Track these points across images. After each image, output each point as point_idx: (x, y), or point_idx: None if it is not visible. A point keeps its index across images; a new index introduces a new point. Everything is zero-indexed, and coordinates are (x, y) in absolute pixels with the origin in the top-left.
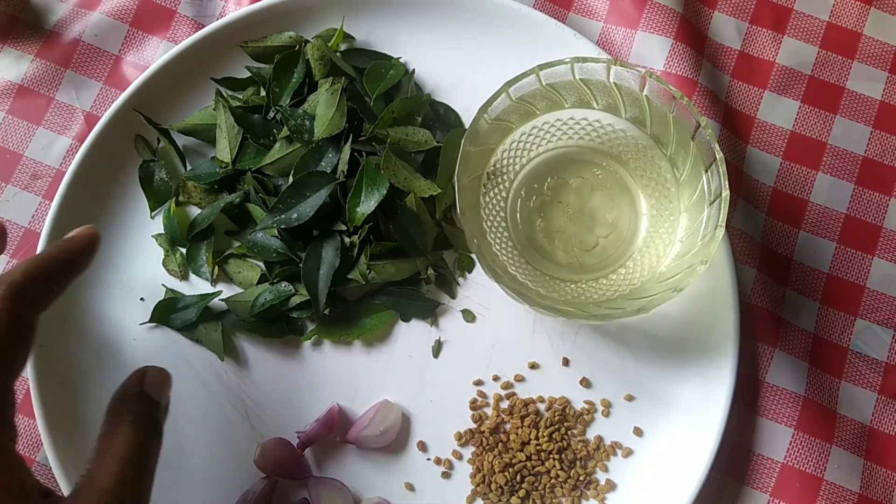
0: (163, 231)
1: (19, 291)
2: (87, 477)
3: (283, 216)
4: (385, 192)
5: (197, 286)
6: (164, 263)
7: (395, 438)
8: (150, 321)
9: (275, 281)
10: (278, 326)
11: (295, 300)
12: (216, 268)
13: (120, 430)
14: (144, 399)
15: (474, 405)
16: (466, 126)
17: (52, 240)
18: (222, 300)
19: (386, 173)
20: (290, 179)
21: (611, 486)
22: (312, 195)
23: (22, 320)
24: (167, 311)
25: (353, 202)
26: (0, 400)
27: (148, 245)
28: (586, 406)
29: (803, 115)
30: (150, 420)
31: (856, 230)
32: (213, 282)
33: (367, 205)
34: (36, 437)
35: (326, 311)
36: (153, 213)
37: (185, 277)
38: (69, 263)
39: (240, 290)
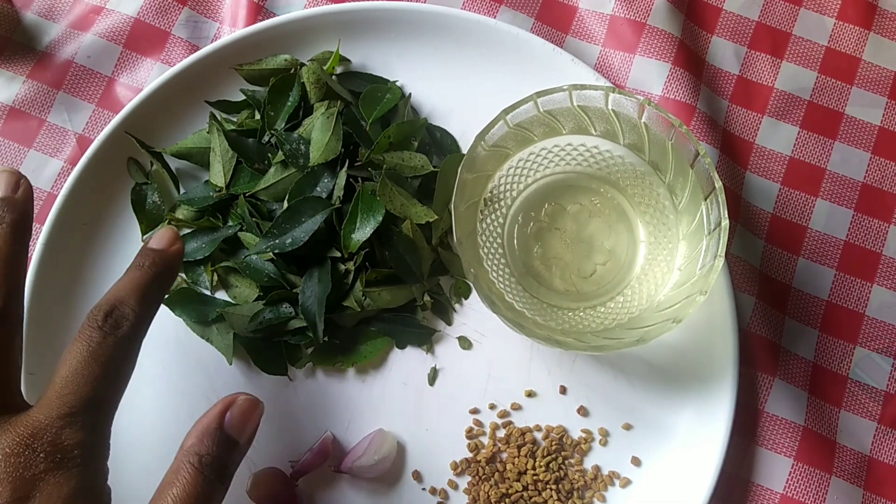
0: None
1: (142, 325)
2: None
3: (277, 241)
4: (381, 218)
5: None
6: None
7: (389, 468)
8: (164, 303)
9: (269, 303)
10: (272, 361)
11: (294, 324)
12: (215, 275)
13: (183, 474)
14: (221, 441)
15: (470, 434)
16: (463, 150)
17: (43, 265)
18: (220, 310)
19: (382, 200)
20: (285, 204)
21: None
22: (307, 220)
23: (139, 349)
24: (184, 301)
25: (348, 228)
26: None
27: None
28: (584, 435)
29: (802, 140)
30: (217, 467)
31: (855, 257)
32: (213, 290)
33: (363, 231)
34: None
35: (325, 339)
36: (145, 237)
37: None
38: (170, 284)
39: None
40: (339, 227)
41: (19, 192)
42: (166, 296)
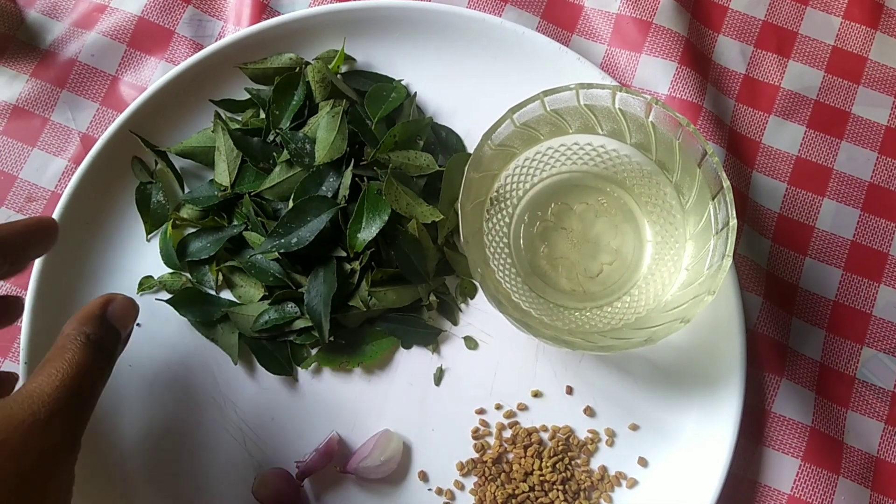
0: (158, 253)
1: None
2: (25, 385)
3: (282, 240)
4: (386, 218)
5: None
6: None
7: (395, 468)
8: (168, 302)
9: (274, 302)
10: (278, 361)
11: (299, 323)
12: (220, 275)
13: (70, 348)
14: (104, 324)
15: (476, 434)
16: (468, 149)
17: (47, 264)
18: (226, 310)
19: (388, 199)
20: (291, 204)
21: None
22: (313, 220)
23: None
24: (189, 301)
25: (353, 228)
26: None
27: (144, 268)
28: (590, 435)
29: (809, 140)
30: (104, 346)
31: (862, 257)
32: (218, 290)
33: (369, 231)
34: None
35: (331, 339)
36: (149, 236)
37: None
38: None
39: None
40: (345, 227)
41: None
42: (169, 297)
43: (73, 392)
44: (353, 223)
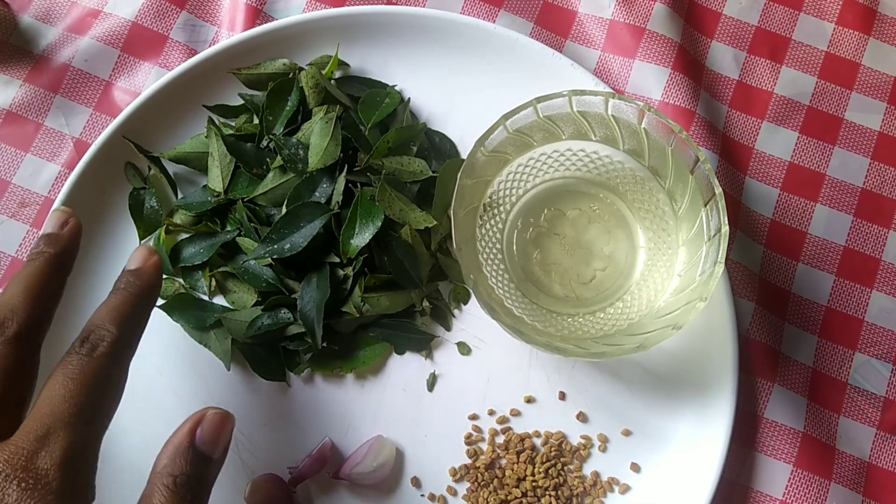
0: None
1: (121, 345)
2: None
3: (275, 246)
4: (380, 224)
5: None
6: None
7: (388, 474)
8: (161, 308)
9: (267, 308)
10: (271, 367)
11: (292, 329)
12: (213, 280)
13: (157, 500)
14: (193, 458)
15: (469, 440)
16: (462, 155)
17: None
18: (219, 315)
19: (381, 205)
20: (284, 210)
21: None
22: (306, 226)
23: (124, 370)
24: (182, 306)
25: (346, 234)
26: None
27: None
28: (583, 441)
29: (802, 145)
30: (193, 486)
31: (854, 263)
32: (211, 295)
33: (362, 237)
34: None
35: (324, 345)
36: (142, 242)
37: None
38: (151, 300)
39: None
40: (338, 233)
41: (65, 228)
42: (161, 303)
43: None
44: (346, 229)
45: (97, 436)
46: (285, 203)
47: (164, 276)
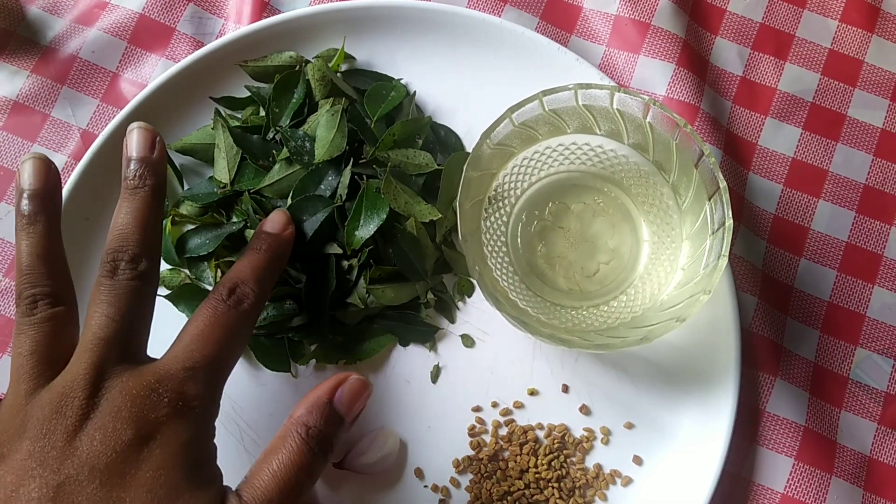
0: None
1: (260, 304)
2: (245, 481)
3: None
4: (385, 216)
5: None
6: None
7: (392, 465)
8: (167, 298)
9: (273, 299)
10: (276, 357)
11: (297, 320)
12: (218, 271)
13: (289, 444)
14: (328, 415)
15: (473, 432)
16: (467, 148)
17: None
18: None
19: (386, 198)
20: (289, 202)
21: None
22: (310, 218)
23: (252, 329)
24: (188, 297)
25: (351, 226)
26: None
27: None
28: (586, 434)
29: (805, 142)
30: (322, 441)
31: (856, 259)
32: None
33: (366, 229)
34: None
35: (329, 336)
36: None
37: None
38: (284, 265)
39: None
40: (342, 224)
41: (155, 153)
42: (167, 293)
43: (286, 492)
44: (351, 220)
45: (225, 378)
46: (291, 195)
47: (170, 267)
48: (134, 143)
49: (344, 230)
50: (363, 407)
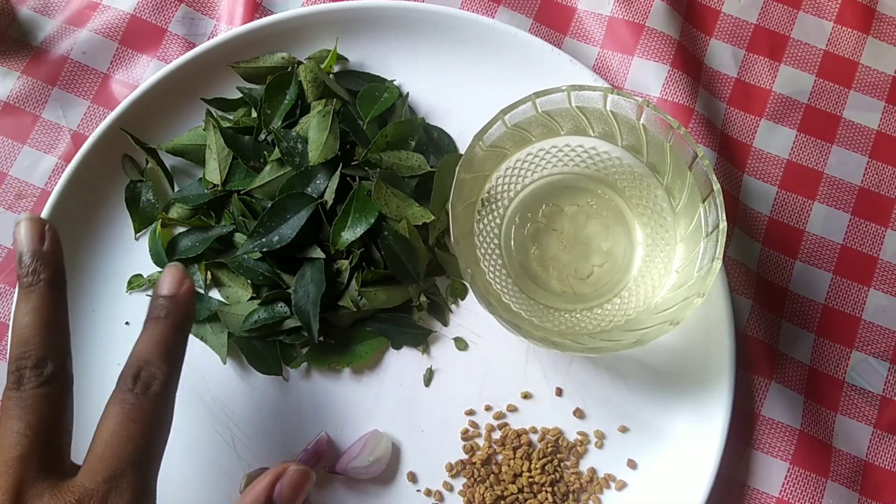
0: (147, 252)
1: (172, 383)
2: None
3: (264, 239)
4: (373, 221)
5: None
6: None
7: (384, 469)
8: None
9: (264, 302)
10: (267, 361)
11: (288, 323)
12: (208, 274)
13: None
14: None
15: (466, 435)
16: (460, 150)
17: None
18: (215, 309)
19: (377, 203)
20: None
21: None
22: (293, 217)
23: (173, 406)
24: None
25: (338, 226)
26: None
27: (133, 267)
28: (579, 437)
29: (799, 143)
30: None
31: (852, 261)
32: (206, 289)
33: (353, 231)
34: None
35: (321, 339)
36: (138, 235)
37: None
38: (189, 328)
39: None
40: (330, 225)
41: (46, 243)
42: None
43: None
44: (338, 221)
45: (156, 473)
46: (276, 196)
47: (160, 270)
48: (22, 236)
49: (330, 230)
50: (306, 495)
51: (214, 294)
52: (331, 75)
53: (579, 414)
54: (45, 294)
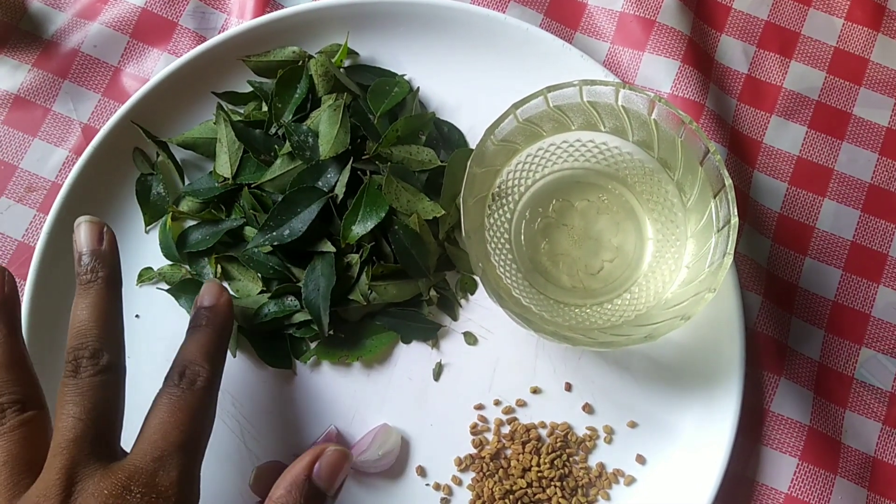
0: (158, 245)
1: (214, 380)
2: None
3: (275, 233)
4: (383, 215)
5: None
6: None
7: (393, 463)
8: (169, 291)
9: (274, 296)
10: (277, 354)
11: (299, 317)
12: (218, 267)
13: None
14: (308, 491)
15: (475, 430)
16: (470, 145)
17: (46, 255)
18: None
19: (387, 198)
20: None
21: None
22: (303, 211)
23: (216, 402)
24: (189, 291)
25: (349, 220)
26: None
27: (143, 260)
28: (588, 432)
29: (810, 140)
30: None
31: (862, 258)
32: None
33: (363, 225)
34: None
35: (330, 332)
36: (148, 228)
37: None
38: (229, 335)
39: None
40: (341, 219)
41: (104, 244)
42: (167, 287)
43: None
44: (349, 215)
45: (200, 460)
46: (288, 188)
47: (171, 264)
48: (82, 237)
49: (340, 224)
50: (345, 476)
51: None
52: (341, 69)
53: (588, 409)
54: (101, 291)
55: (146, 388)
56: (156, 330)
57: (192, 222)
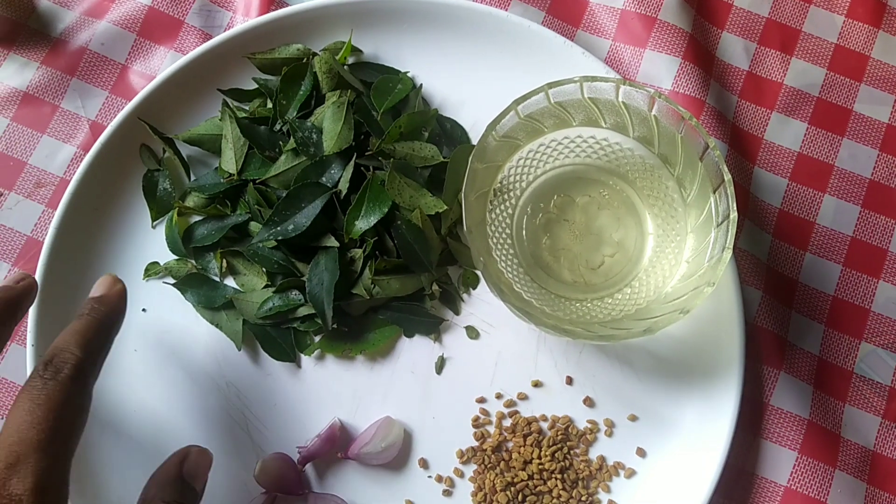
0: (164, 240)
1: (85, 368)
2: None
3: (279, 228)
4: (386, 210)
5: None
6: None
7: (396, 455)
8: (174, 285)
9: (279, 290)
10: (281, 348)
11: (302, 311)
12: (224, 261)
13: None
14: (181, 487)
15: (477, 423)
16: (473, 141)
17: (55, 249)
18: (230, 296)
19: (390, 193)
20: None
21: None
22: (307, 206)
23: (88, 393)
24: (195, 284)
25: (352, 215)
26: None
27: (150, 255)
28: (589, 426)
29: (810, 136)
30: None
31: (862, 253)
32: (222, 277)
33: (366, 220)
34: None
35: (334, 326)
36: (155, 223)
37: None
38: (115, 326)
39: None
40: (344, 214)
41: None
42: (173, 281)
43: None
44: (352, 210)
45: (66, 459)
46: (291, 185)
47: (177, 258)
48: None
49: (344, 219)
50: (208, 471)
51: (230, 282)
52: (345, 67)
53: (589, 402)
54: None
55: (152, 381)
56: (162, 324)
57: (198, 218)
